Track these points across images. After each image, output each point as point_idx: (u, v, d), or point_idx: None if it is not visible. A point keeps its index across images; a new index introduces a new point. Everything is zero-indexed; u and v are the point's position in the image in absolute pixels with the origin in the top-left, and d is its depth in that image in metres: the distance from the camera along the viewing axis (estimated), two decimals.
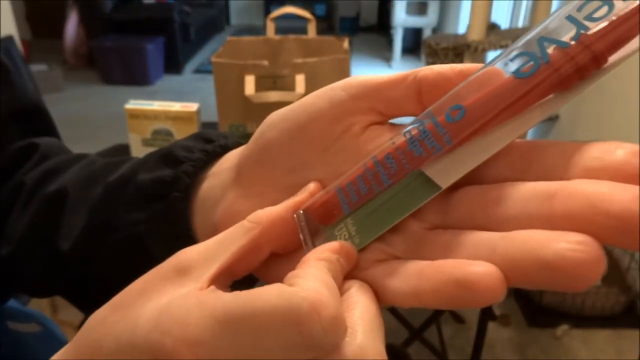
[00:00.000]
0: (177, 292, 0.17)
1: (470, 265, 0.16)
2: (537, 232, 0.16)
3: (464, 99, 0.19)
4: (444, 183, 0.19)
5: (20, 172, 0.35)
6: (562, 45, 0.17)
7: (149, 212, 0.27)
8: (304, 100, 0.23)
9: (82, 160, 0.35)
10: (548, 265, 0.15)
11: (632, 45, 0.16)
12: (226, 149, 0.28)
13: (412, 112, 0.22)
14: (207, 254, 0.19)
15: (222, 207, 0.25)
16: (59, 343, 0.45)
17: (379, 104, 0.22)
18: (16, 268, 0.33)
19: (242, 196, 0.25)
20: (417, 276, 0.17)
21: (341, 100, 0.22)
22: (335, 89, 0.23)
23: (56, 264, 0.31)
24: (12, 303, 0.43)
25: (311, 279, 0.17)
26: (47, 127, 0.41)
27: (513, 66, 0.18)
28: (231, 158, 0.27)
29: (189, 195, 0.27)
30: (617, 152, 0.16)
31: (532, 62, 0.17)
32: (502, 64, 0.19)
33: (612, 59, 0.17)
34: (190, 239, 0.26)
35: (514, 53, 0.18)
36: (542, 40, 0.17)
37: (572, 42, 0.17)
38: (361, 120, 0.22)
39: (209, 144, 0.28)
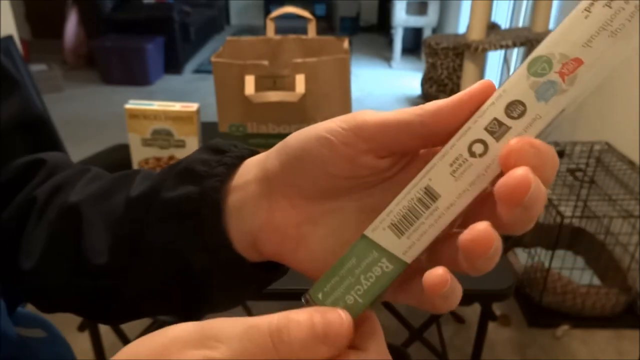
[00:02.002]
0: None
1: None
2: None
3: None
4: (409, 259, 0.23)
5: (30, 187, 0.35)
6: None
7: (182, 229, 0.28)
8: (320, 133, 0.25)
9: (86, 173, 0.36)
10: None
11: None
12: (242, 159, 0.29)
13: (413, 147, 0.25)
14: None
15: (260, 221, 0.27)
16: (64, 348, 0.45)
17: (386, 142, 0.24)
18: (40, 282, 0.33)
19: (277, 210, 0.27)
20: None
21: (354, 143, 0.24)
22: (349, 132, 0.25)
23: (82, 277, 0.31)
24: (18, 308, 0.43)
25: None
26: (50, 139, 0.42)
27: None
28: (252, 170, 0.28)
29: (220, 211, 0.28)
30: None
31: None
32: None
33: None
34: (229, 247, 0.28)
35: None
36: None
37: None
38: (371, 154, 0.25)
39: (225, 155, 0.29)
